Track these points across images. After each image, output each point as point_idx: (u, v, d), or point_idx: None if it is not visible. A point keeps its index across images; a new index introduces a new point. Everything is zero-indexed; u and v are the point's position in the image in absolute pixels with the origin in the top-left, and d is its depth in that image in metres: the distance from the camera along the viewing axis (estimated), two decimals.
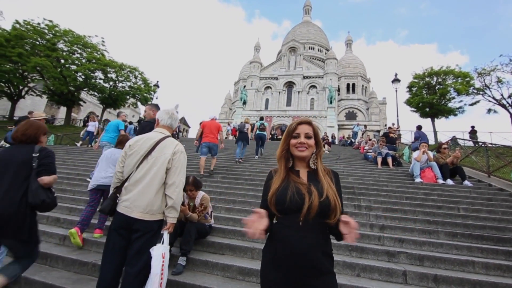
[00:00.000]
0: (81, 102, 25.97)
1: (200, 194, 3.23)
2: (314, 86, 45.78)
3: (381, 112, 48.20)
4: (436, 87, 17.90)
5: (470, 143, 11.27)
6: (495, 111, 17.95)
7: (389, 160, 8.35)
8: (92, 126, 12.79)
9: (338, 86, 46.67)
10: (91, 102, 34.88)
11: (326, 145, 15.29)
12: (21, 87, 23.41)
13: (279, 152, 1.37)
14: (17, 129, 2.21)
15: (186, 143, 12.07)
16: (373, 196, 5.34)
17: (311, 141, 1.32)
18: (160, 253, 1.99)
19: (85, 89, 24.27)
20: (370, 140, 14.41)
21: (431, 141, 16.56)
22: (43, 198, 2.04)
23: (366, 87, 50.72)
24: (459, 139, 10.33)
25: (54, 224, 4.10)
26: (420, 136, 8.70)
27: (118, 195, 2.16)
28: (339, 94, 47.15)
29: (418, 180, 6.44)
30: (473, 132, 15.81)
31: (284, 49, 49.37)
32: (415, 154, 6.81)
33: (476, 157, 7.81)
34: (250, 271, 2.73)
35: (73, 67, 22.28)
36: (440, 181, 6.36)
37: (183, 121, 55.19)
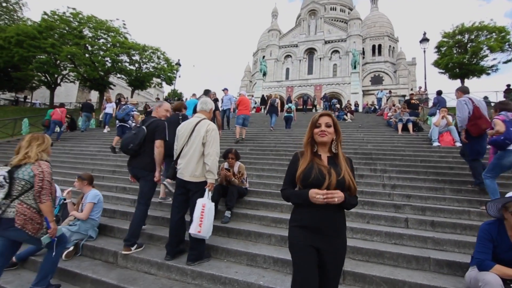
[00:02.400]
0: (111, 86, 27.56)
1: (237, 163, 4.03)
2: (336, 51, 43.80)
3: (410, 74, 45.37)
4: (468, 45, 16.67)
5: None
6: None
7: (410, 126, 8.56)
8: (110, 108, 12.08)
9: (363, 48, 44.12)
10: (120, 85, 36.69)
11: (348, 114, 15.41)
12: (56, 76, 25.27)
13: (305, 140, 1.70)
14: (174, 105, 4.67)
15: None
16: (389, 160, 5.82)
17: (331, 129, 1.64)
18: (200, 203, 2.76)
19: (113, 73, 25.62)
20: (394, 106, 14.28)
21: None
22: None
23: (393, 47, 47.46)
24: (486, 101, 10.02)
25: (122, 191, 5.19)
26: (438, 101, 8.68)
27: (175, 165, 3.01)
28: (363, 58, 44.73)
29: (436, 144, 6.74)
30: (508, 91, 14.88)
31: (303, 13, 46.92)
32: (434, 119, 7.03)
33: None
34: (281, 220, 3.53)
35: (100, 52, 23.46)
36: (458, 144, 6.60)
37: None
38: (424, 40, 17.96)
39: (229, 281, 2.55)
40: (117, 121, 7.96)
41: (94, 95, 37.75)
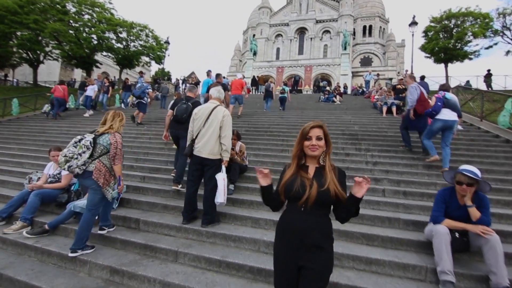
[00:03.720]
0: (97, 64, 26.72)
1: (239, 143, 4.52)
2: (327, 31, 43.49)
3: (399, 56, 45.87)
4: (454, 31, 17.20)
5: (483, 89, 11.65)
6: None
7: (394, 109, 9.20)
8: (91, 90, 11.27)
9: (354, 29, 43.95)
10: (106, 64, 35.50)
11: (337, 96, 15.95)
12: (39, 53, 24.19)
13: (294, 152, 1.63)
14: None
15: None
16: (372, 141, 6.44)
17: (322, 142, 1.56)
18: (221, 177, 3.33)
19: (100, 51, 24.78)
20: (381, 89, 14.89)
21: None
22: None
23: (384, 28, 47.42)
24: (464, 87, 10.73)
25: (130, 169, 5.59)
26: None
27: (193, 144, 3.46)
28: (354, 38, 44.65)
29: None
30: (488, 76, 15.74)
31: None
32: None
33: (473, 103, 8.53)
34: None
35: (86, 29, 22.53)
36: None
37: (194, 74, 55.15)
38: (413, 23, 18.32)
39: (239, 239, 3.12)
40: (134, 98, 8.52)
41: (78, 74, 36.42)
